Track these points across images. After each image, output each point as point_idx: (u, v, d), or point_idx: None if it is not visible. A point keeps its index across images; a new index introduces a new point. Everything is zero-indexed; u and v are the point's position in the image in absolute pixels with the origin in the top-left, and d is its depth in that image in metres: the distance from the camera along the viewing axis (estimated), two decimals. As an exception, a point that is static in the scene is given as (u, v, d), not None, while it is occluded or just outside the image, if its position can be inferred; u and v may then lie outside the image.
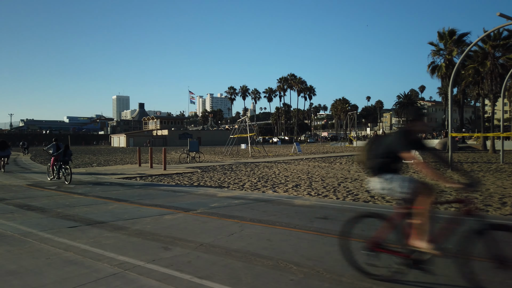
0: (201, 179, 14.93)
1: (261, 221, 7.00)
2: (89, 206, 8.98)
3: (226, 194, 10.55)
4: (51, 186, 13.32)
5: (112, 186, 12.91)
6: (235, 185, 12.70)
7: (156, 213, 7.99)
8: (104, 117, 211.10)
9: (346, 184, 12.20)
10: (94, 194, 11.00)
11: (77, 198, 10.31)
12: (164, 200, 9.67)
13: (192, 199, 9.80)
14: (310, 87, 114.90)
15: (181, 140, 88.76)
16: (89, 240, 5.84)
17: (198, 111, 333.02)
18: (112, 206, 9.00)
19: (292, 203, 8.95)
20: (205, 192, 11.09)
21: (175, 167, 20.77)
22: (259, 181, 13.67)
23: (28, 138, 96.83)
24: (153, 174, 17.15)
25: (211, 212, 7.93)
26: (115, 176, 16.40)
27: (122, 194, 10.90)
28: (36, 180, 15.59)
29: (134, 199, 9.91)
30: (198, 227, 6.65)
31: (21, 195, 11.06)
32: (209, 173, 17.11)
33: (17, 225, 6.98)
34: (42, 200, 10.11)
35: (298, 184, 12.45)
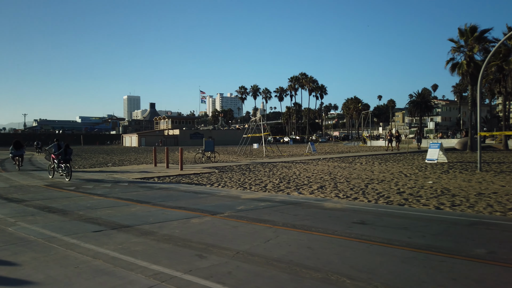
0: (220, 180, 14.57)
1: (295, 226, 6.58)
2: (111, 208, 8.68)
3: (250, 196, 10.16)
4: (69, 186, 13.11)
5: (131, 187, 12.64)
6: (257, 186, 12.30)
7: (182, 216, 7.64)
8: (115, 117, 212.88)
9: (373, 186, 11.71)
10: (114, 196, 10.72)
11: (97, 200, 10.03)
12: (187, 202, 9.32)
13: (216, 201, 9.43)
14: (321, 86, 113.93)
15: (192, 140, 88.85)
16: (117, 247, 5.50)
17: (208, 110, 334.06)
18: (135, 208, 8.68)
19: (322, 206, 8.52)
20: (228, 194, 10.71)
21: (191, 167, 20.47)
22: (281, 182, 13.25)
23: (42, 138, 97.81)
24: (170, 174, 16.86)
25: (239, 216, 7.54)
26: (133, 177, 16.15)
27: (143, 196, 10.60)
28: (53, 180, 15.42)
29: (156, 201, 9.58)
30: (229, 232, 6.27)
31: (40, 196, 10.84)
32: (227, 174, 16.75)
33: (40, 229, 6.69)
34: (62, 201, 9.86)
35: (323, 186, 11.99)
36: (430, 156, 19.65)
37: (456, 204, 8.48)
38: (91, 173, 18.25)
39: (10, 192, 11.95)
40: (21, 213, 8.32)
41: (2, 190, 12.34)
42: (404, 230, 6.21)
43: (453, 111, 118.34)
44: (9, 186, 13.47)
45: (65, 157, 15.31)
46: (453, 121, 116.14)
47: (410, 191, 10.57)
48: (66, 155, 15.42)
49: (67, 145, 15.78)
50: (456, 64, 29.78)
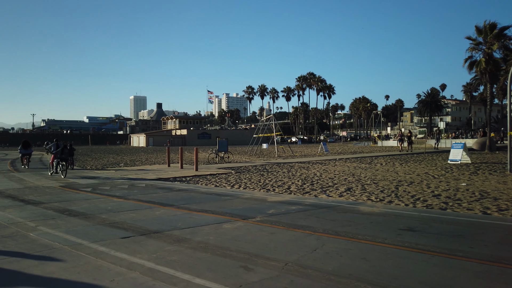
0: (240, 181, 14.10)
1: (337, 233, 6.08)
2: (134, 212, 8.24)
3: (276, 199, 9.67)
4: (86, 188, 12.73)
5: (149, 189, 12.21)
6: (280, 188, 11.81)
7: (211, 220, 7.17)
8: (122, 117, 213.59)
9: (404, 188, 11.15)
10: (134, 198, 10.29)
11: (118, 202, 9.61)
12: (213, 205, 8.85)
13: (243, 204, 8.95)
14: (329, 86, 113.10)
15: (200, 140, 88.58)
16: (151, 256, 5.04)
17: (214, 110, 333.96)
18: (159, 211, 8.24)
19: (358, 210, 8.00)
20: (252, 196, 10.24)
21: (206, 167, 20.04)
22: (304, 183, 12.74)
23: (50, 138, 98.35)
24: (186, 175, 16.43)
25: (273, 221, 7.06)
26: (148, 177, 15.75)
27: (164, 198, 10.16)
28: (67, 181, 15.07)
29: (180, 204, 9.13)
30: (268, 239, 5.79)
31: (57, 198, 10.44)
32: (245, 175, 16.27)
33: (64, 235, 6.26)
34: (81, 204, 9.45)
35: (350, 188, 11.46)
36: (453, 157, 19.01)
37: (503, 209, 7.92)
38: (105, 174, 17.89)
39: (25, 193, 11.59)
40: (41, 216, 7.91)
41: (17, 192, 11.99)
42: (460, 238, 5.68)
43: (463, 111, 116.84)
44: (23, 187, 13.13)
45: (61, 156, 16.42)
46: (463, 121, 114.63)
47: (446, 194, 10.01)
48: (62, 154, 16.53)
49: (65, 145, 16.98)
50: (474, 62, 29.03)
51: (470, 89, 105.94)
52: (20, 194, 11.49)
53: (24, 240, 5.99)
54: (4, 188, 12.98)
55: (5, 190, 12.34)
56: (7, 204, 9.53)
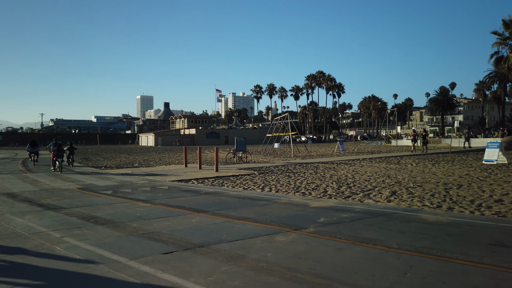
0: (267, 183, 13.20)
1: (417, 249, 5.15)
2: (167, 219, 7.38)
3: (319, 204, 8.76)
4: (105, 190, 11.92)
5: (174, 192, 11.37)
6: (316, 191, 10.89)
7: (259, 231, 6.28)
8: (130, 116, 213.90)
9: (456, 192, 10.17)
10: (161, 202, 9.45)
11: (145, 207, 8.77)
12: (252, 212, 7.97)
13: (284, 211, 8.06)
14: (339, 85, 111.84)
15: (208, 139, 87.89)
16: (207, 279, 4.17)
17: (220, 110, 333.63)
18: (195, 219, 7.37)
19: (420, 218, 7.06)
20: (290, 201, 9.33)
21: (225, 168, 19.17)
22: (340, 186, 11.80)
23: (59, 137, 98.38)
24: (207, 176, 15.57)
25: (330, 232, 6.15)
26: (168, 179, 14.93)
27: (194, 202, 9.29)
28: (84, 182, 14.30)
29: (214, 210, 8.26)
30: (338, 257, 4.88)
31: (78, 202, 9.64)
32: (270, 176, 15.37)
33: (95, 249, 5.41)
34: (106, 209, 8.62)
35: (394, 191, 10.51)
36: (488, 157, 17.94)
37: None
38: (122, 175, 17.11)
39: (43, 197, 10.81)
40: (64, 224, 7.09)
41: (33, 195, 11.21)
42: None
43: (475, 109, 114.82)
44: (39, 190, 12.36)
45: (58, 154, 18.22)
46: (475, 120, 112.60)
47: (508, 199, 9.02)
48: (59, 152, 18.31)
49: (61, 144, 18.86)
50: (501, 58, 27.83)
51: (483, 87, 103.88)
52: (37, 197, 10.71)
53: (51, 256, 5.15)
54: (20, 190, 12.23)
55: (21, 193, 11.58)
56: (25, 209, 8.74)
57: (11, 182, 14.83)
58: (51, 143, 19.06)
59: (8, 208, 8.91)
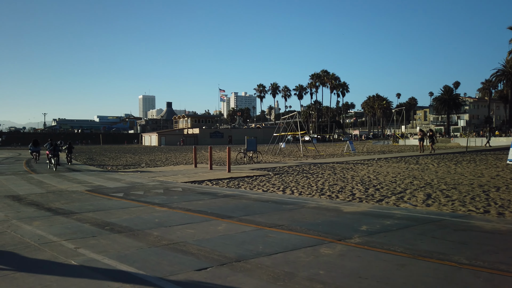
0: (285, 184, 12.47)
1: (493, 265, 4.41)
2: (190, 226, 6.67)
3: (353, 209, 8.02)
4: (116, 193, 11.22)
5: (189, 194, 10.65)
6: (343, 194, 10.16)
7: (298, 242, 5.56)
8: (133, 116, 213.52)
9: (497, 194, 9.42)
10: (178, 206, 8.73)
11: (163, 212, 8.05)
12: (281, 218, 7.24)
13: (317, 216, 7.32)
14: (343, 84, 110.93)
15: (212, 139, 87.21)
16: (259, 306, 3.44)
17: (222, 109, 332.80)
18: (221, 226, 6.65)
19: (476, 226, 6.32)
20: (319, 205, 8.60)
21: (237, 168, 18.44)
22: (367, 188, 11.06)
23: (61, 137, 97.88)
24: (221, 177, 14.85)
25: (380, 243, 5.41)
26: (180, 180, 14.22)
27: (214, 207, 8.58)
28: (92, 184, 13.61)
29: (239, 215, 7.54)
30: (404, 276, 4.15)
31: (89, 206, 8.93)
32: (287, 177, 14.63)
33: (117, 263, 4.69)
34: (120, 214, 7.91)
35: (429, 194, 9.76)
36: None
37: None
38: (130, 176, 16.42)
39: (50, 200, 10.11)
40: (77, 232, 6.38)
41: (40, 198, 10.52)
42: None
43: (481, 108, 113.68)
44: (46, 192, 11.67)
45: (53, 153, 20.18)
46: (481, 119, 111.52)
47: (559, 203, 8.27)
48: (54, 151, 20.17)
49: (56, 143, 21.01)
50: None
51: (489, 86, 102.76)
52: (45, 200, 10.02)
53: (67, 272, 4.44)
54: (26, 192, 11.54)
55: (27, 196, 10.89)
56: (33, 215, 8.04)
57: (16, 183, 14.16)
58: (48, 143, 21.21)
59: (14, 213, 8.22)
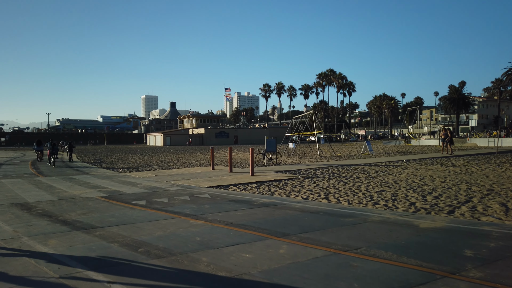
0: (324, 189, 11.15)
1: None
2: (243, 248, 5.37)
3: (430, 224, 6.69)
4: (137, 200, 9.94)
5: (220, 202, 9.35)
6: (399, 203, 8.84)
7: (400, 276, 4.24)
8: (136, 116, 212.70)
9: None
10: (215, 218, 7.44)
11: (201, 227, 6.76)
12: (351, 236, 5.93)
13: (393, 236, 6.00)
14: (350, 83, 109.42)
15: (218, 139, 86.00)
16: None
17: (225, 110, 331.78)
18: (283, 249, 5.34)
19: None
20: (383, 218, 7.27)
21: (260, 171, 17.13)
22: (423, 195, 9.73)
23: (65, 137, 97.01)
24: (247, 182, 13.56)
25: (509, 277, 4.10)
26: (202, 184, 12.94)
27: (257, 219, 7.27)
28: (107, 189, 12.34)
29: (294, 231, 6.24)
30: None
31: (111, 218, 7.65)
32: (320, 181, 13.31)
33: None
34: (151, 229, 6.62)
35: (503, 203, 8.42)
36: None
37: None
38: (146, 180, 15.15)
39: (64, 209, 8.85)
40: (105, 257, 5.10)
41: (52, 206, 9.25)
42: None
43: (490, 108, 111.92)
44: (58, 199, 10.41)
45: (52, 151, 22.97)
46: (490, 118, 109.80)
47: None
48: (53, 150, 23.01)
49: (55, 143, 24.05)
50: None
51: (499, 85, 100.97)
52: (58, 210, 8.75)
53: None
54: (35, 200, 10.27)
55: (37, 204, 9.63)
56: (47, 229, 6.76)
57: (23, 188, 12.91)
58: (48, 143, 24.21)
59: (25, 228, 6.95)
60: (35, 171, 20.05)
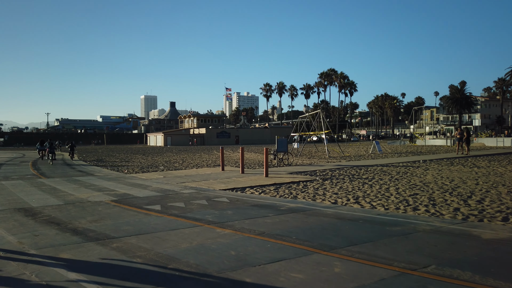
0: (350, 192, 10.35)
1: None
2: (290, 266, 4.56)
3: (493, 235, 5.89)
4: (150, 205, 9.13)
5: (244, 208, 8.55)
6: (441, 208, 8.06)
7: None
8: (136, 116, 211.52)
9: None
10: (244, 227, 6.63)
11: (231, 237, 5.95)
12: (409, 251, 5.14)
13: (460, 250, 5.21)
14: (351, 82, 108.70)
15: (219, 139, 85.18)
16: None
17: (225, 109, 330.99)
18: (336, 267, 4.55)
19: None
20: (435, 227, 6.46)
21: (273, 172, 16.32)
22: (464, 200, 8.94)
23: (64, 137, 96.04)
24: (263, 184, 12.76)
25: None
26: (216, 187, 12.13)
27: (291, 228, 6.47)
28: (115, 191, 11.53)
29: (339, 244, 5.44)
30: None
31: (127, 227, 6.83)
32: (342, 183, 12.50)
33: None
34: (175, 240, 5.81)
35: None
36: None
37: None
38: (155, 182, 14.33)
39: (72, 215, 8.03)
40: (130, 278, 4.29)
41: (59, 212, 8.44)
42: None
43: (493, 108, 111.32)
44: (64, 203, 9.59)
45: (50, 150, 25.65)
46: (493, 118, 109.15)
47: None
48: (51, 149, 25.75)
49: (52, 142, 27.48)
50: None
51: (502, 85, 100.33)
52: (66, 216, 7.94)
53: None
54: (40, 204, 9.45)
55: (42, 209, 8.81)
56: (56, 240, 5.95)
57: (25, 191, 12.09)
58: (46, 142, 28.15)
59: (31, 238, 6.14)
60: (37, 172, 19.23)
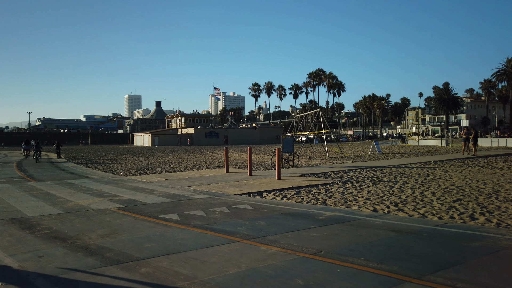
0: (388, 198, 9.42)
1: None
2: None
3: None
4: (165, 214, 7.98)
5: (276, 218, 7.48)
6: (503, 217, 7.17)
7: None
8: (121, 115, 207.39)
9: None
10: (289, 243, 5.58)
11: (284, 259, 4.88)
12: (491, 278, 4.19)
13: None
14: (340, 83, 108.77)
15: (208, 139, 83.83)
16: None
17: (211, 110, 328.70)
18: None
19: None
20: (494, 241, 5.56)
21: (282, 174, 15.28)
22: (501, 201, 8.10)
23: (47, 137, 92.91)
24: (280, 187, 11.71)
25: None
26: (230, 191, 11.02)
27: (347, 244, 5.45)
28: (119, 197, 10.30)
29: (425, 270, 4.45)
30: None
31: (148, 243, 5.69)
32: (365, 187, 11.56)
33: None
34: (219, 264, 4.71)
35: None
36: None
37: None
38: (158, 184, 13.11)
39: (77, 227, 6.82)
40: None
41: (61, 223, 7.20)
42: None
43: (478, 108, 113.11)
44: (64, 212, 8.33)
45: (36, 149, 27.24)
46: (478, 119, 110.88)
47: None
48: (36, 148, 27.22)
49: (38, 143, 28.00)
50: None
51: (487, 86, 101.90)
52: (70, 228, 6.72)
53: None
54: (36, 213, 8.16)
55: (40, 219, 7.54)
56: (66, 263, 4.76)
57: (15, 197, 10.72)
58: (32, 141, 30.19)
59: (34, 261, 4.93)
60: (24, 174, 17.70)
